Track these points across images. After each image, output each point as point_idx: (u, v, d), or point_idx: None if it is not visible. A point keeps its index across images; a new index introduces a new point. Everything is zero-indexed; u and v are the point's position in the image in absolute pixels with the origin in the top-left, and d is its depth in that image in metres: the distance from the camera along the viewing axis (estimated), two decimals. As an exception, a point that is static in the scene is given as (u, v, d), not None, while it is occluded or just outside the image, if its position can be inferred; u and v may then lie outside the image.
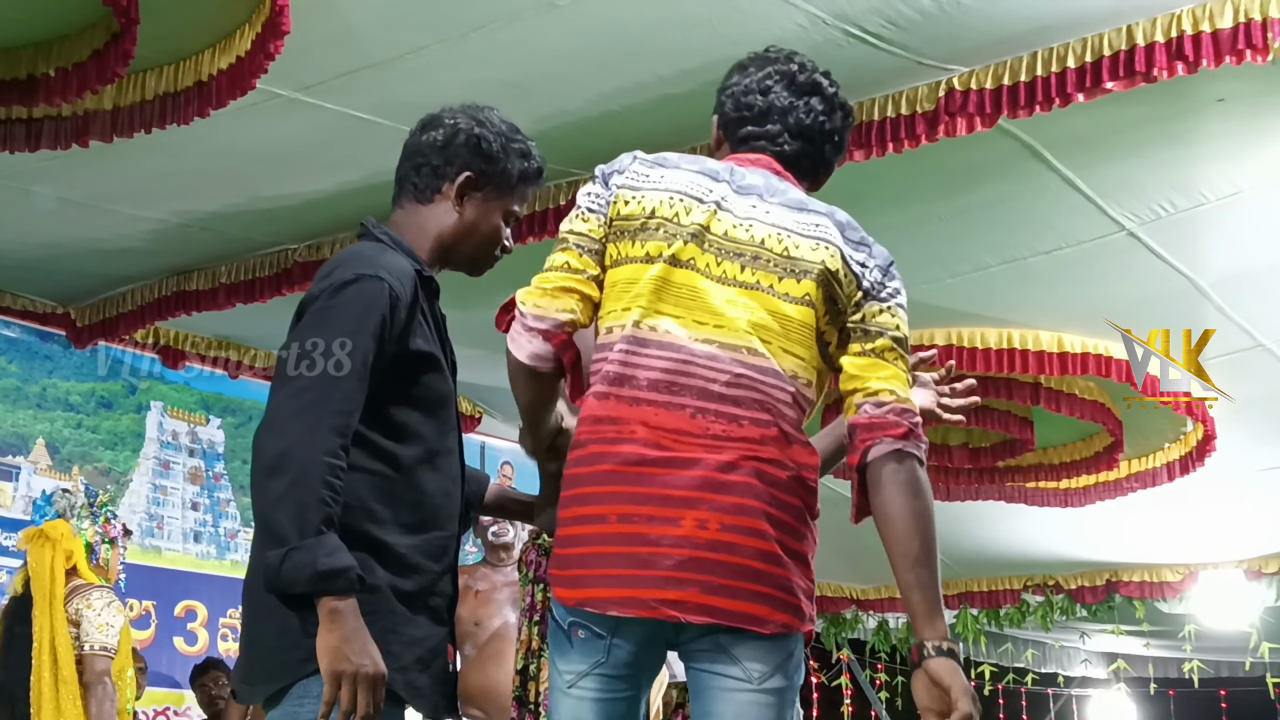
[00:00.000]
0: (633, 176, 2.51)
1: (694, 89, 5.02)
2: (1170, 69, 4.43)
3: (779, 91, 2.67)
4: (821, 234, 2.48)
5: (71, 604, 5.18)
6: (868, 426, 2.40)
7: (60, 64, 4.59)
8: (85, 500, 5.46)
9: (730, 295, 2.40)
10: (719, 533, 2.26)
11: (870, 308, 2.45)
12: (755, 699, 2.27)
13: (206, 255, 6.73)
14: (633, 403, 2.35)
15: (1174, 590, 10.46)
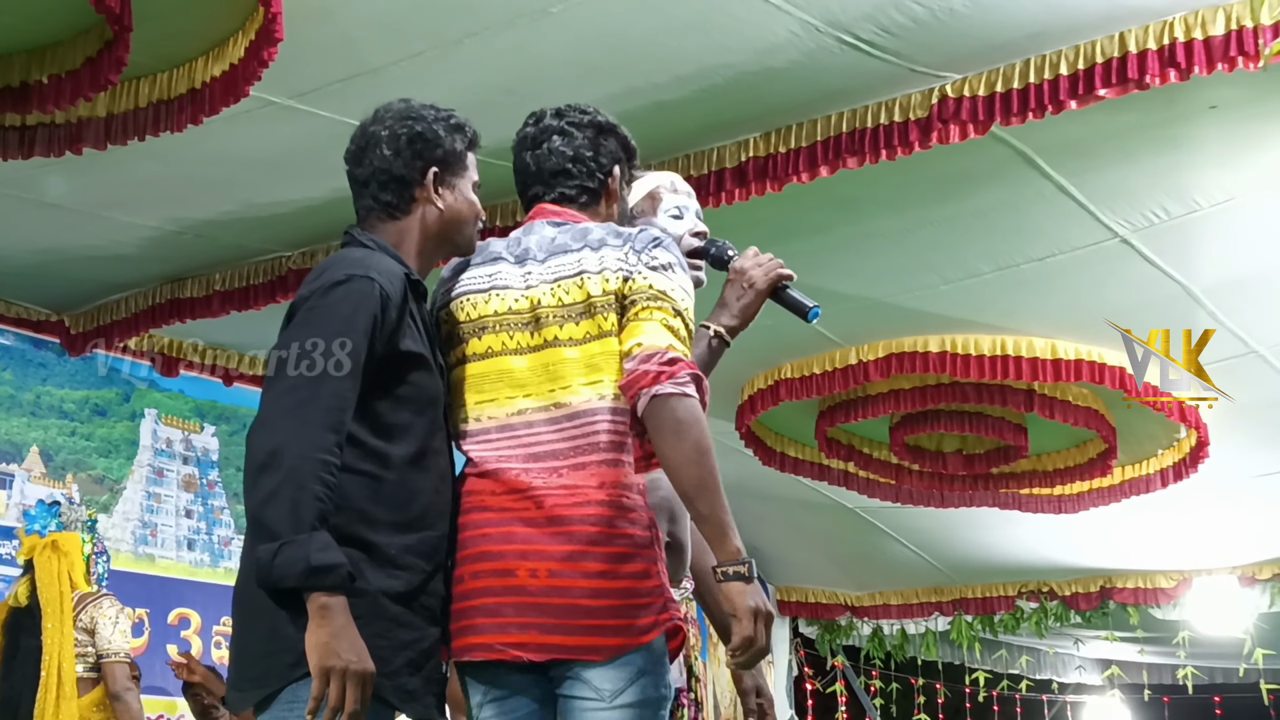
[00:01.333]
0: (448, 292, 2.72)
1: (688, 95, 5.03)
2: (1163, 76, 4.45)
3: (528, 145, 2.83)
4: (580, 268, 2.58)
5: (85, 613, 5.17)
6: (628, 386, 2.50)
7: (54, 71, 4.58)
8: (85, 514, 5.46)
9: (528, 362, 2.57)
10: (548, 579, 2.48)
11: (630, 285, 2.53)
12: (612, 714, 2.46)
13: (200, 262, 6.73)
14: (480, 476, 2.58)
15: (1168, 596, 10.45)
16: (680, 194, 3.01)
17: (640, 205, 2.98)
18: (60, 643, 5.09)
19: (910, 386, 7.54)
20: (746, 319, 2.78)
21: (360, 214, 2.77)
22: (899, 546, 10.46)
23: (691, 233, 2.95)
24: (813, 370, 7.36)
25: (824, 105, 5.09)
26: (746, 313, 2.77)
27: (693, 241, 2.94)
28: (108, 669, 5.17)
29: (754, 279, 2.77)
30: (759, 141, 5.28)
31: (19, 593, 5.32)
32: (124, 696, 5.18)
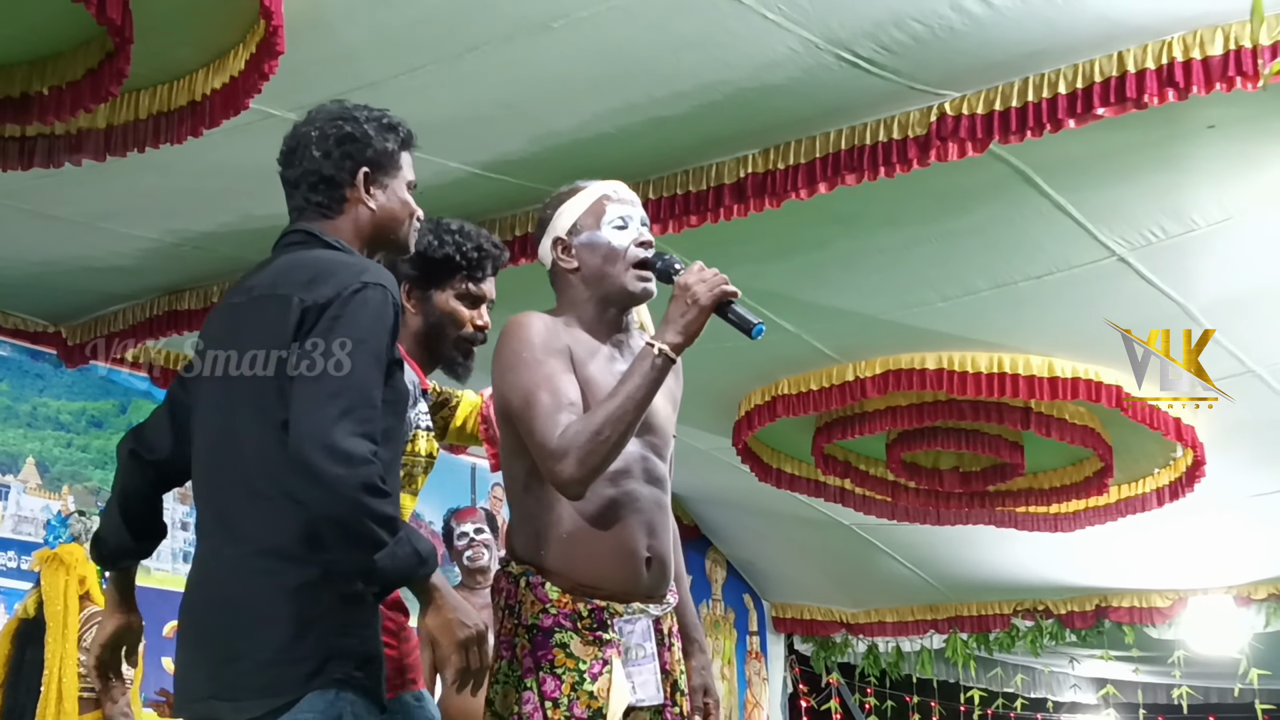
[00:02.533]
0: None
1: (687, 111, 5.04)
2: (1161, 95, 4.45)
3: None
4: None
5: (89, 633, 5.13)
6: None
7: (54, 82, 4.59)
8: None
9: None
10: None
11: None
12: None
13: (199, 274, 6.72)
14: None
15: (1163, 616, 10.45)
16: (624, 203, 2.97)
17: (583, 218, 2.94)
18: (61, 657, 5.09)
19: (907, 403, 7.54)
20: (691, 336, 2.72)
21: (293, 215, 2.78)
22: (895, 564, 10.46)
23: (636, 243, 2.92)
24: (810, 386, 7.36)
25: (823, 122, 5.10)
26: (690, 329, 2.71)
27: (639, 253, 2.90)
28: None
29: (698, 295, 2.71)
30: (758, 158, 5.29)
31: (28, 605, 5.32)
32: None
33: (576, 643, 2.72)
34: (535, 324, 2.84)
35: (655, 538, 2.84)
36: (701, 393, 7.62)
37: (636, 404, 2.67)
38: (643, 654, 2.79)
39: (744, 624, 11.76)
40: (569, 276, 2.95)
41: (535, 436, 2.70)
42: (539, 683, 2.70)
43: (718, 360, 7.21)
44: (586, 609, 2.74)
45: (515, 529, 2.86)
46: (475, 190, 5.67)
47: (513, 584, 2.80)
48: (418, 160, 5.53)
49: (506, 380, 2.80)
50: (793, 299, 6.56)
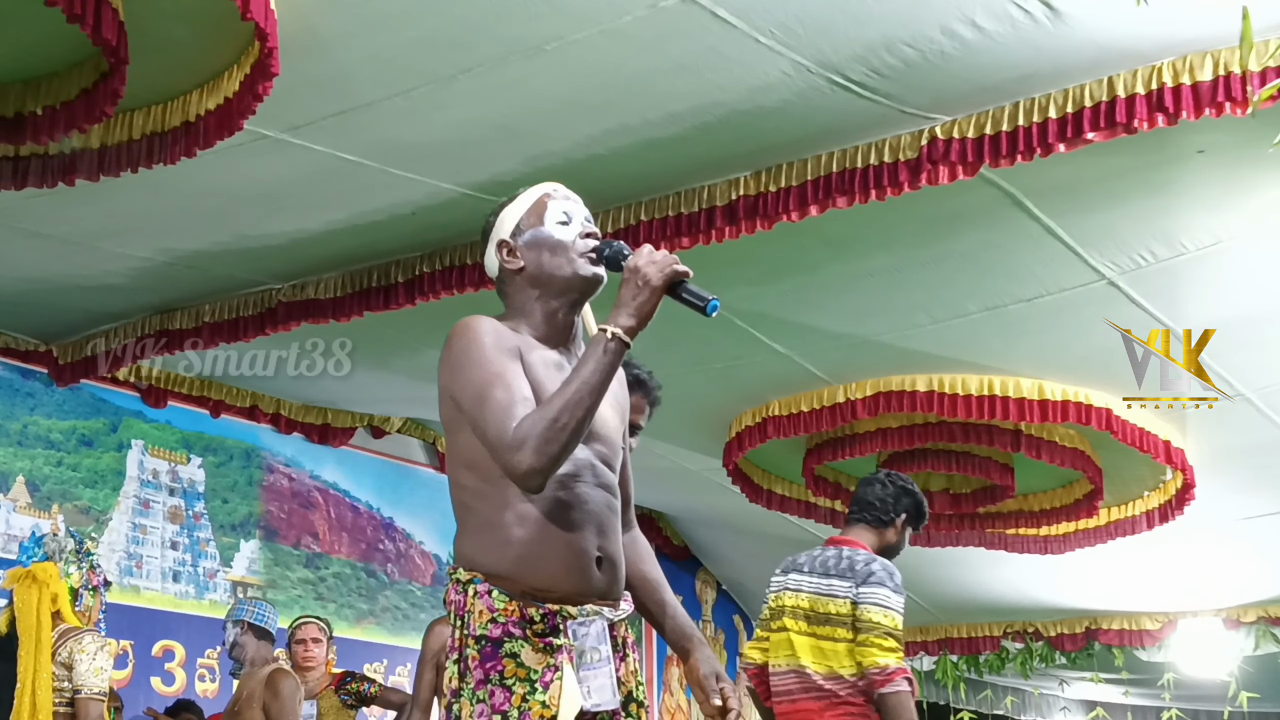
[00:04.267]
0: None
1: (679, 134, 5.06)
2: (1151, 120, 4.48)
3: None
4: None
5: (64, 648, 5.12)
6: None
7: (48, 102, 4.60)
8: (74, 546, 5.43)
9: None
10: None
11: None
12: None
13: (190, 293, 6.73)
14: None
15: (1153, 638, 10.46)
16: (565, 199, 2.93)
17: (525, 218, 2.90)
18: (34, 672, 5.05)
19: (898, 425, 7.55)
20: (643, 318, 2.67)
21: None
22: (885, 585, 10.44)
23: (581, 235, 2.87)
24: (800, 408, 7.37)
25: (814, 145, 5.12)
26: (642, 311, 2.66)
27: (585, 243, 2.85)
28: (80, 705, 5.11)
29: (649, 276, 2.66)
30: (750, 180, 5.31)
31: (1, 621, 5.31)
32: None
33: (527, 651, 2.67)
34: (484, 324, 2.80)
35: (606, 538, 2.81)
36: (692, 414, 7.63)
37: (592, 389, 2.63)
38: (598, 657, 2.74)
39: (734, 645, 11.74)
40: (515, 279, 2.90)
41: (490, 430, 2.65)
42: (489, 695, 2.66)
43: (708, 381, 7.22)
44: (539, 614, 2.69)
45: (464, 537, 2.80)
46: (469, 211, 5.68)
47: (461, 593, 2.77)
48: (410, 182, 5.58)
49: (457, 380, 2.75)
50: (784, 321, 6.57)
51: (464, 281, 5.99)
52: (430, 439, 9.40)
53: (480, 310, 6.93)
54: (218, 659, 7.78)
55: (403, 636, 9.07)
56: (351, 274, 6.34)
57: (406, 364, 7.59)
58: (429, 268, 6.09)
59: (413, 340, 7.17)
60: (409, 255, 6.15)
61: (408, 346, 7.27)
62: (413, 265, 6.14)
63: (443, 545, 9.50)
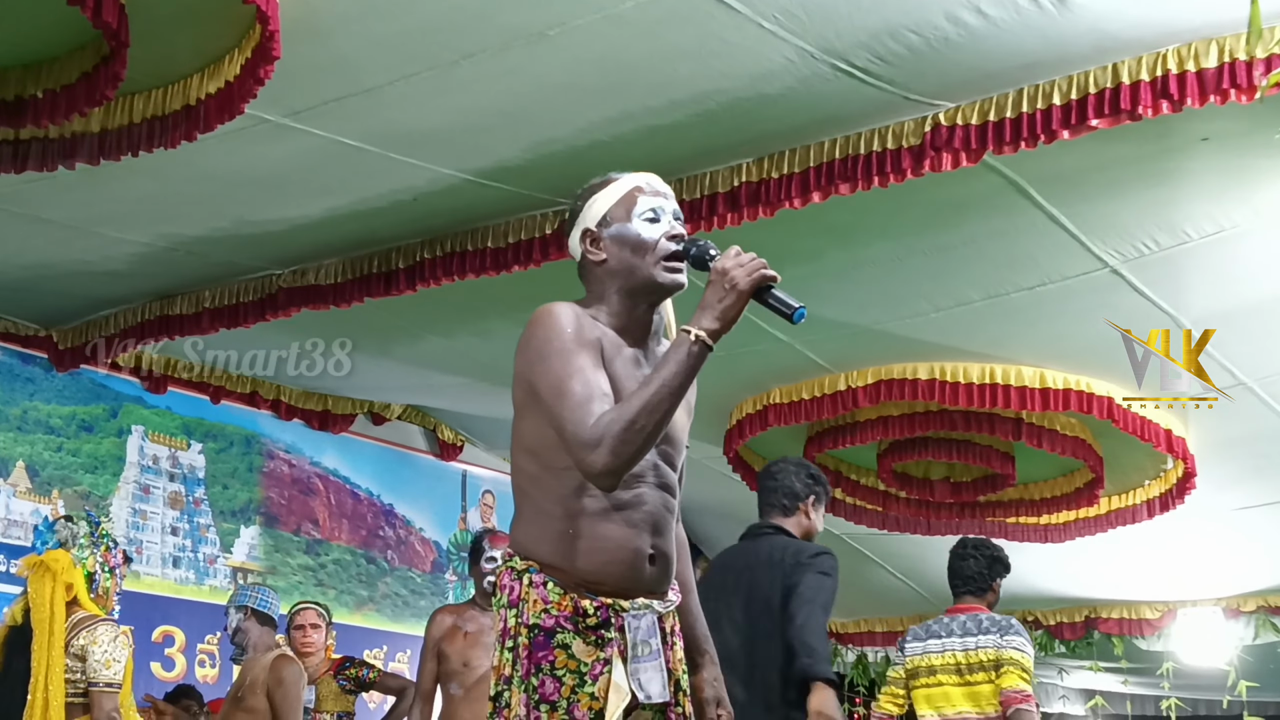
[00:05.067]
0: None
1: (682, 120, 5.04)
2: (1155, 107, 4.46)
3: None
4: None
5: (77, 639, 5.08)
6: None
7: (49, 86, 4.58)
8: (88, 529, 5.38)
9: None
10: None
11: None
12: None
13: (191, 279, 6.72)
14: None
15: (1153, 627, 10.45)
16: (655, 195, 2.90)
17: (616, 209, 2.87)
18: (47, 665, 5.02)
19: (899, 413, 7.54)
20: (728, 322, 2.65)
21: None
22: (885, 574, 10.45)
23: (668, 236, 2.84)
24: (801, 396, 7.36)
25: (817, 131, 5.10)
26: (728, 315, 2.64)
27: (669, 246, 2.83)
28: (93, 697, 5.07)
29: (736, 280, 2.64)
30: (752, 167, 5.29)
31: (15, 612, 5.25)
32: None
33: (578, 644, 2.69)
34: (566, 313, 2.77)
35: (660, 537, 2.82)
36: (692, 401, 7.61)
37: (672, 392, 2.62)
38: (649, 650, 2.75)
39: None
40: (596, 270, 2.88)
41: (567, 426, 2.64)
42: (539, 684, 2.67)
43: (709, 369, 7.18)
44: (592, 606, 2.70)
45: (520, 524, 2.82)
46: (469, 197, 5.67)
47: (516, 579, 2.77)
48: (412, 167, 5.56)
49: (535, 369, 2.73)
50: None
51: (465, 268, 5.97)
52: (430, 425, 9.39)
53: (482, 297, 6.91)
54: (218, 644, 7.78)
55: (402, 623, 9.07)
56: (352, 260, 6.32)
57: (407, 351, 7.58)
58: (430, 254, 6.07)
59: (413, 327, 7.16)
60: (410, 241, 6.14)
61: (408, 333, 7.26)
62: (414, 251, 6.13)
63: (442, 532, 9.51)
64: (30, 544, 7.08)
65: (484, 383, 7.94)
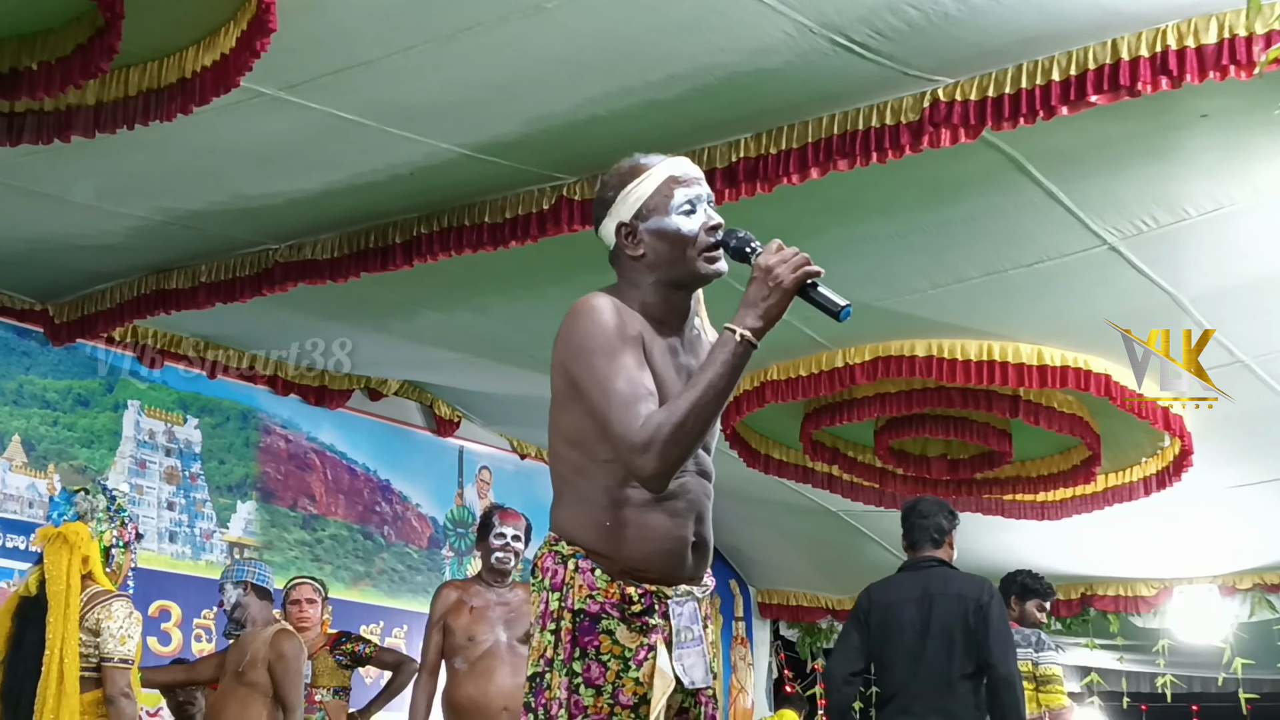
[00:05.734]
0: None
1: (680, 94, 5.02)
2: (1154, 83, 4.45)
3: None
4: None
5: (91, 613, 5.09)
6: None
7: (44, 58, 4.55)
8: (105, 502, 5.37)
9: None
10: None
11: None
12: None
13: (187, 254, 6.70)
14: None
15: (1149, 605, 10.48)
16: (691, 184, 2.86)
17: (652, 201, 2.83)
18: (63, 638, 5.02)
19: (896, 390, 7.54)
20: (772, 320, 2.64)
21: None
22: (881, 550, 10.46)
23: (707, 227, 2.82)
24: (799, 372, 7.35)
25: (816, 107, 5.09)
26: (771, 314, 2.64)
27: (709, 239, 2.81)
28: (106, 673, 5.09)
29: (780, 278, 2.63)
30: (750, 142, 5.27)
31: (30, 582, 5.23)
32: (118, 701, 5.07)
33: (623, 630, 2.71)
34: (607, 306, 2.75)
35: (701, 524, 2.84)
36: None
37: (718, 393, 2.62)
38: (691, 636, 2.78)
39: (730, 609, 11.77)
40: (633, 262, 2.86)
41: (614, 428, 2.64)
42: (584, 668, 2.68)
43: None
44: (637, 593, 2.72)
45: (564, 511, 2.81)
46: (466, 172, 5.65)
47: (560, 564, 2.77)
48: (409, 142, 5.54)
49: (579, 363, 2.72)
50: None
51: (462, 243, 5.95)
52: (428, 402, 9.38)
53: (479, 273, 6.88)
54: (214, 619, 7.79)
55: (399, 598, 9.08)
56: (349, 235, 6.30)
57: (404, 326, 7.57)
58: (427, 229, 6.05)
59: (410, 302, 7.15)
60: (407, 216, 6.12)
61: (405, 309, 7.25)
62: (411, 226, 6.11)
63: (439, 508, 9.51)
64: (26, 517, 7.11)
65: (481, 358, 7.93)
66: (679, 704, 2.79)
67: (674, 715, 2.78)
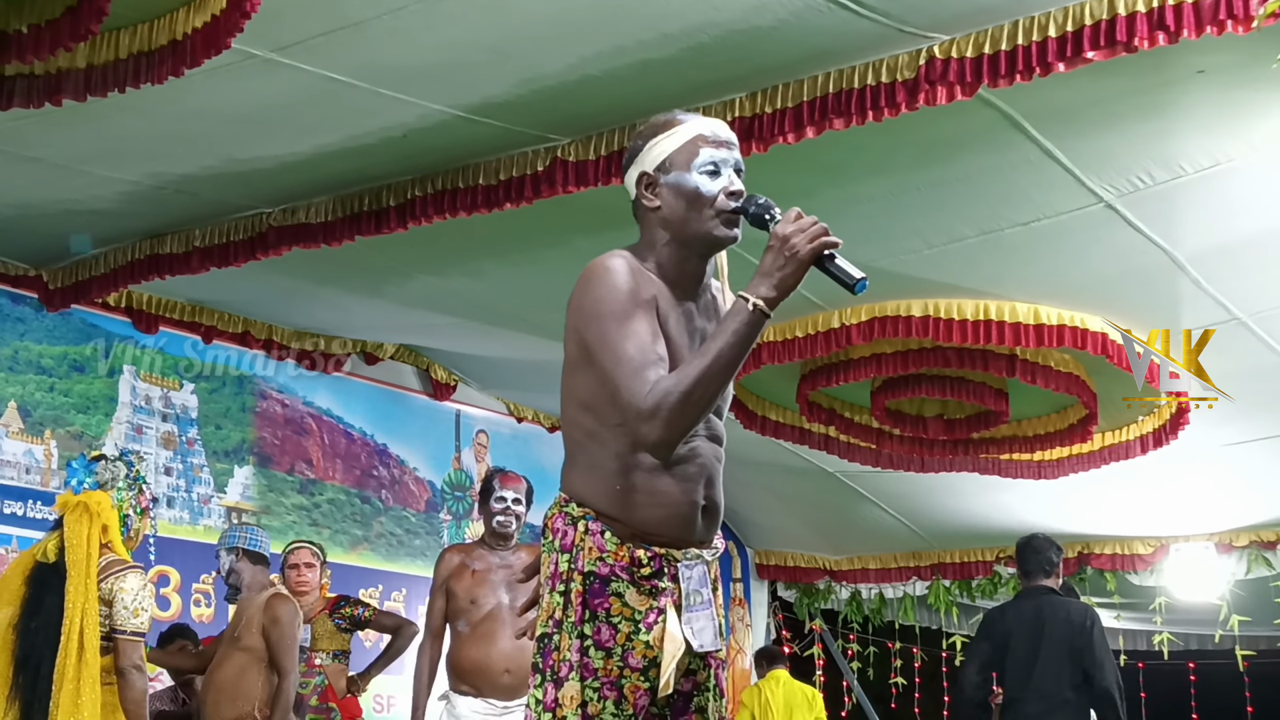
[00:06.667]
0: None
1: (674, 54, 4.99)
2: (1151, 39, 4.42)
3: None
4: None
5: (106, 583, 5.06)
6: None
7: (33, 20, 4.52)
8: (125, 470, 5.35)
9: None
10: None
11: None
12: None
13: (180, 218, 6.68)
14: None
15: (1145, 563, 10.50)
16: (719, 146, 2.81)
17: (676, 156, 2.80)
18: (83, 606, 4.98)
19: (892, 351, 7.53)
20: (786, 290, 2.61)
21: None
22: (878, 511, 10.48)
23: (727, 192, 2.78)
24: (795, 334, 7.34)
25: (811, 65, 5.06)
26: (786, 284, 2.61)
27: (727, 203, 2.77)
28: (118, 645, 5.07)
29: (797, 248, 2.60)
30: (745, 101, 5.24)
31: (48, 547, 5.15)
32: (128, 674, 5.07)
33: (632, 593, 2.70)
34: (622, 270, 2.72)
35: (711, 488, 2.83)
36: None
37: (729, 362, 2.60)
38: (700, 600, 2.77)
39: (727, 571, 11.80)
40: (650, 215, 2.83)
41: (622, 394, 2.62)
42: (595, 630, 2.68)
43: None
44: (647, 556, 2.71)
45: (574, 472, 2.80)
46: (459, 133, 5.63)
47: (570, 525, 2.76)
48: (401, 103, 5.50)
49: (591, 327, 2.70)
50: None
51: (456, 205, 5.93)
52: (423, 366, 9.37)
53: (473, 236, 6.84)
54: (213, 584, 7.80)
55: (397, 562, 9.10)
56: (342, 198, 6.28)
57: (399, 290, 7.55)
58: (421, 191, 6.03)
59: (405, 265, 7.13)
60: (400, 179, 6.09)
61: (400, 272, 7.23)
62: (404, 189, 6.08)
63: (437, 472, 9.51)
64: (23, 483, 7.11)
65: (476, 322, 7.92)
66: (686, 666, 2.78)
67: (681, 677, 2.78)
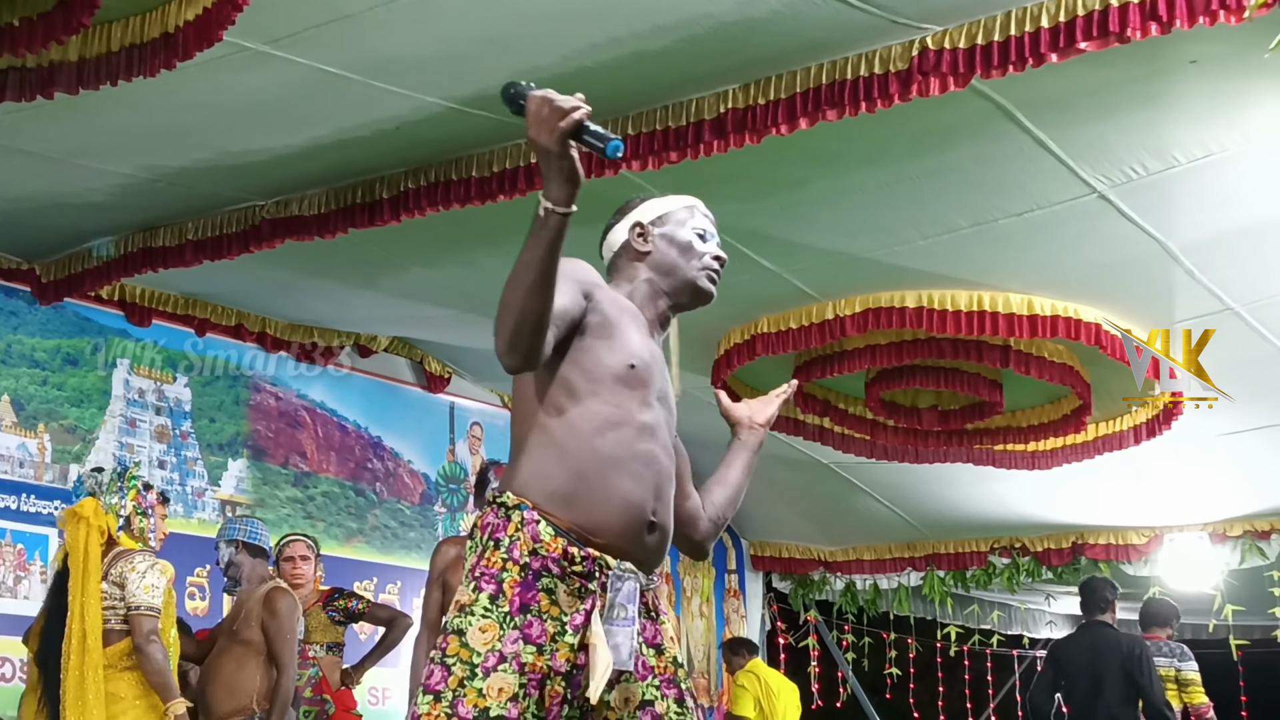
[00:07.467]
0: None
1: (668, 45, 4.99)
2: (1144, 29, 4.42)
3: None
4: None
5: (115, 569, 5.47)
6: None
7: (25, 13, 4.52)
8: (113, 476, 5.71)
9: None
10: None
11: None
12: None
13: (174, 211, 6.67)
14: None
15: (1139, 553, 10.52)
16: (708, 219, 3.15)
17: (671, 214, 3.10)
18: (82, 601, 5.36)
19: (886, 342, 7.54)
20: (567, 176, 2.56)
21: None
22: (873, 502, 10.49)
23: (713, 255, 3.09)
24: (789, 325, 7.34)
25: (804, 56, 5.05)
26: (562, 172, 2.56)
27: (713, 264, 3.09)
28: (132, 621, 5.44)
29: (546, 145, 2.56)
30: (738, 93, 5.24)
31: (58, 560, 5.65)
32: (146, 648, 5.39)
33: (561, 590, 2.68)
34: (579, 261, 2.87)
35: (661, 504, 2.82)
36: (680, 331, 7.59)
37: (528, 262, 2.58)
38: (624, 615, 2.72)
39: (722, 562, 11.81)
40: (635, 260, 3.05)
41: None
42: (525, 624, 2.65)
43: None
44: (580, 554, 2.69)
45: (518, 463, 2.80)
46: (453, 126, 5.62)
47: (504, 518, 2.74)
48: (394, 96, 5.49)
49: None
50: (773, 238, 6.54)
51: (450, 198, 5.93)
52: (418, 358, 9.37)
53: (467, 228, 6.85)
54: (208, 577, 7.80)
55: (392, 555, 9.10)
56: (336, 190, 6.27)
57: (393, 283, 7.55)
58: (414, 184, 6.03)
59: (399, 258, 7.12)
60: (394, 171, 6.09)
61: (394, 264, 7.23)
62: (398, 181, 6.08)
63: (431, 465, 9.51)
64: (17, 478, 7.13)
65: (470, 314, 7.91)
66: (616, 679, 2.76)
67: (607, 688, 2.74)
